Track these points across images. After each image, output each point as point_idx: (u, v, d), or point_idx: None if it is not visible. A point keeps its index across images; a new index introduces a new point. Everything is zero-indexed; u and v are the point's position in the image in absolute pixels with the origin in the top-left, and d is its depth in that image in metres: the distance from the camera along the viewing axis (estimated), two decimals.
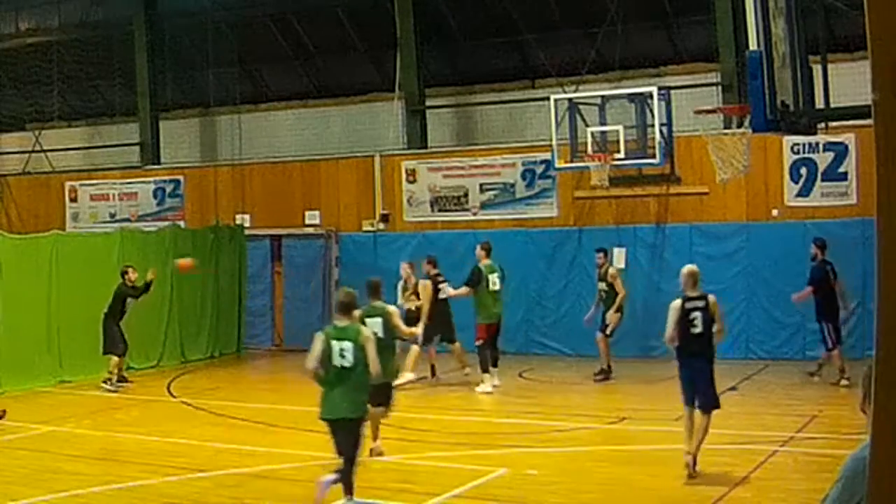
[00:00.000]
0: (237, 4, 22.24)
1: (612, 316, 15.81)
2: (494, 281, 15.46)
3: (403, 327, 11.40)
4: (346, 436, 8.71)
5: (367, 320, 10.42)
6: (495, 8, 20.32)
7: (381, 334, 10.45)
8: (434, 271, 15.99)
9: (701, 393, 9.70)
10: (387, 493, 9.37)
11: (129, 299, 16.24)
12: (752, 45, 8.27)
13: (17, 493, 9.21)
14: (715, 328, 9.85)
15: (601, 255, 16.28)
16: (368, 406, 9.22)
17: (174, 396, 15.49)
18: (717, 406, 9.81)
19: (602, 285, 16.07)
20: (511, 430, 12.33)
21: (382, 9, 20.88)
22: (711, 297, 9.93)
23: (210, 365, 19.11)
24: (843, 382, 14.29)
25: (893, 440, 2.00)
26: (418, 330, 13.01)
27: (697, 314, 9.73)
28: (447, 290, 15.70)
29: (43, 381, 15.87)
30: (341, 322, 8.99)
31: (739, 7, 10.40)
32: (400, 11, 20.61)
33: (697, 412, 9.67)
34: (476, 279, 15.39)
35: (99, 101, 24.94)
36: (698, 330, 9.73)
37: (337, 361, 8.70)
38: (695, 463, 9.54)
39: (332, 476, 8.63)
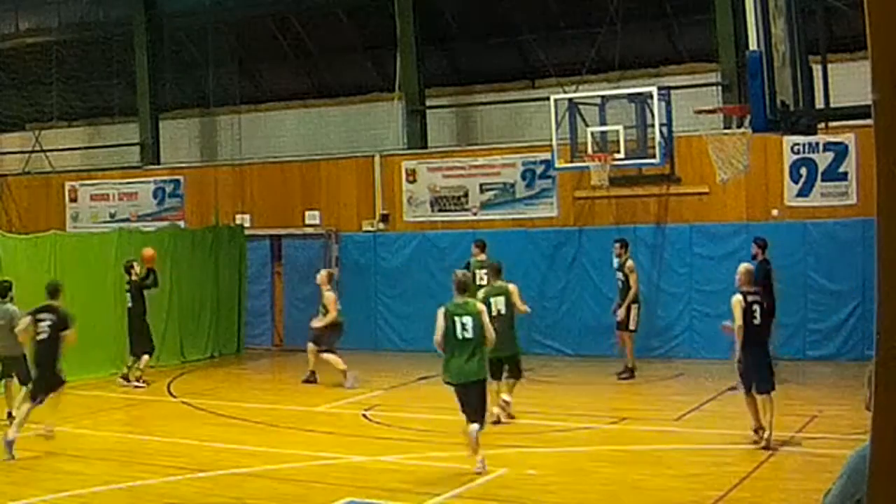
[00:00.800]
0: (237, 4, 22.23)
1: (625, 312, 15.85)
2: (482, 276, 15.54)
3: (521, 305, 12.85)
4: (475, 395, 10.14)
5: (492, 299, 12.27)
6: (495, 8, 20.32)
7: (503, 311, 12.33)
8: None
9: (762, 378, 10.96)
10: (387, 493, 9.37)
11: (145, 291, 16.55)
12: (752, 45, 8.26)
13: (17, 493, 9.21)
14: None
15: (618, 245, 16.29)
16: (505, 378, 12.03)
17: (174, 396, 15.49)
18: (773, 389, 11.05)
19: (620, 275, 16.13)
20: (511, 430, 12.32)
21: (382, 9, 20.88)
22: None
23: (210, 365, 19.11)
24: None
25: (893, 440, 2.00)
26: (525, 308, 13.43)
27: (757, 307, 11.01)
28: None
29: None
30: (459, 299, 10.31)
31: (739, 7, 10.39)
32: (400, 11, 20.61)
33: (758, 396, 10.92)
34: None
35: (99, 101, 24.93)
36: (758, 321, 11.01)
37: (459, 334, 10.03)
38: (769, 437, 10.73)
39: (476, 427, 9.97)
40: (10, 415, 12.43)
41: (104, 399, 15.10)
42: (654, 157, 16.46)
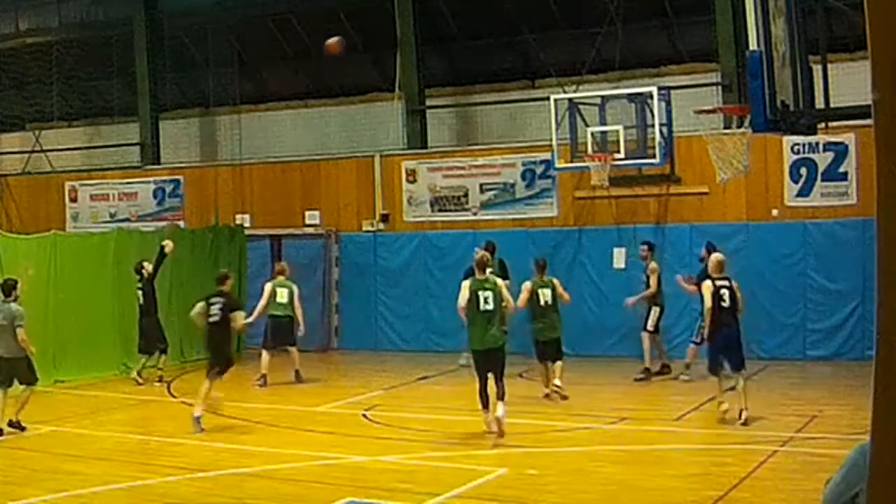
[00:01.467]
0: (237, 4, 22.22)
1: (651, 312, 15.88)
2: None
3: (565, 294, 14.44)
4: (495, 361, 11.67)
5: (539, 290, 14.11)
6: (495, 8, 20.32)
7: (549, 301, 14.14)
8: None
9: (732, 356, 12.13)
10: (387, 493, 9.36)
11: (154, 289, 16.76)
12: (752, 45, 8.25)
13: (17, 493, 9.20)
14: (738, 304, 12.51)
15: (644, 246, 16.23)
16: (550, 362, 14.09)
17: (174, 396, 15.49)
18: (744, 367, 12.20)
19: (643, 276, 16.13)
20: (511, 430, 12.31)
21: (382, 9, 20.88)
22: (734, 282, 12.54)
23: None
24: (683, 377, 15.24)
25: (893, 440, 2.00)
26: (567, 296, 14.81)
27: (725, 291, 12.29)
28: None
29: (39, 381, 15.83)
30: (480, 276, 11.96)
31: (739, 7, 10.39)
32: (400, 11, 20.61)
33: (731, 376, 12.15)
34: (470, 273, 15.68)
35: (99, 101, 24.92)
36: (727, 304, 12.25)
37: (482, 307, 11.67)
38: (745, 417, 11.84)
39: (502, 409, 11.47)
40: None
41: (104, 399, 15.11)
42: (654, 157, 16.46)
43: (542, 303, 14.18)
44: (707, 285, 12.33)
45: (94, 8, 24.11)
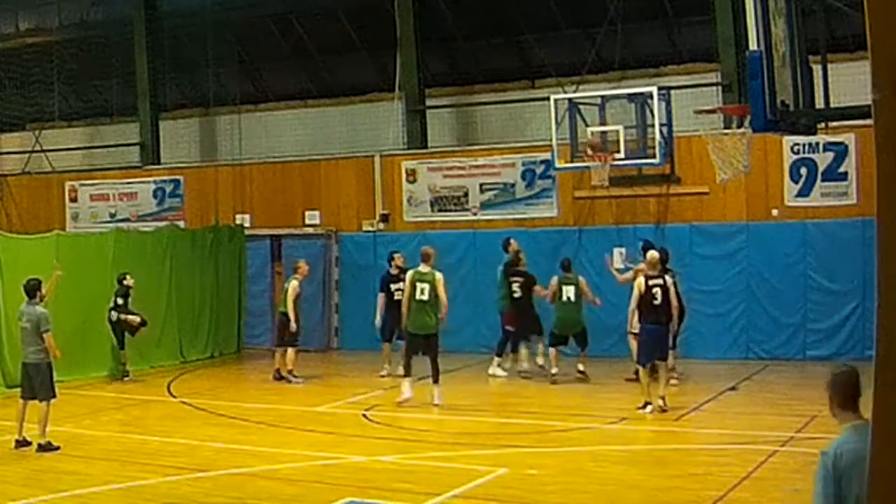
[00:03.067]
0: (237, 4, 22.22)
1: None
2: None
3: (589, 293, 15.63)
4: (429, 345, 13.53)
5: (563, 287, 15.32)
6: (495, 8, 20.32)
7: (573, 298, 15.30)
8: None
9: (659, 350, 12.75)
10: (387, 493, 9.36)
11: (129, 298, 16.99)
12: (752, 45, 8.24)
13: (17, 493, 9.21)
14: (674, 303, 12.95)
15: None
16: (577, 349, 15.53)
17: (174, 396, 15.49)
18: (666, 359, 13.16)
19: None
20: (511, 430, 12.33)
21: (382, 9, 20.88)
22: (668, 278, 12.98)
23: (210, 365, 19.10)
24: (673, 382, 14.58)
25: (893, 439, 2.00)
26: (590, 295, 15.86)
27: (657, 290, 12.71)
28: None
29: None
30: (423, 268, 13.50)
31: (739, 7, 10.39)
32: (400, 11, 20.61)
33: (659, 365, 12.84)
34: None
35: (99, 101, 24.93)
36: (658, 302, 12.69)
37: (418, 296, 13.32)
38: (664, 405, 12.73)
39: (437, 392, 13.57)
40: (19, 443, 11.29)
41: (104, 399, 15.11)
42: (654, 157, 16.44)
43: (564, 298, 15.42)
44: (639, 282, 12.81)
45: (94, 8, 24.11)
